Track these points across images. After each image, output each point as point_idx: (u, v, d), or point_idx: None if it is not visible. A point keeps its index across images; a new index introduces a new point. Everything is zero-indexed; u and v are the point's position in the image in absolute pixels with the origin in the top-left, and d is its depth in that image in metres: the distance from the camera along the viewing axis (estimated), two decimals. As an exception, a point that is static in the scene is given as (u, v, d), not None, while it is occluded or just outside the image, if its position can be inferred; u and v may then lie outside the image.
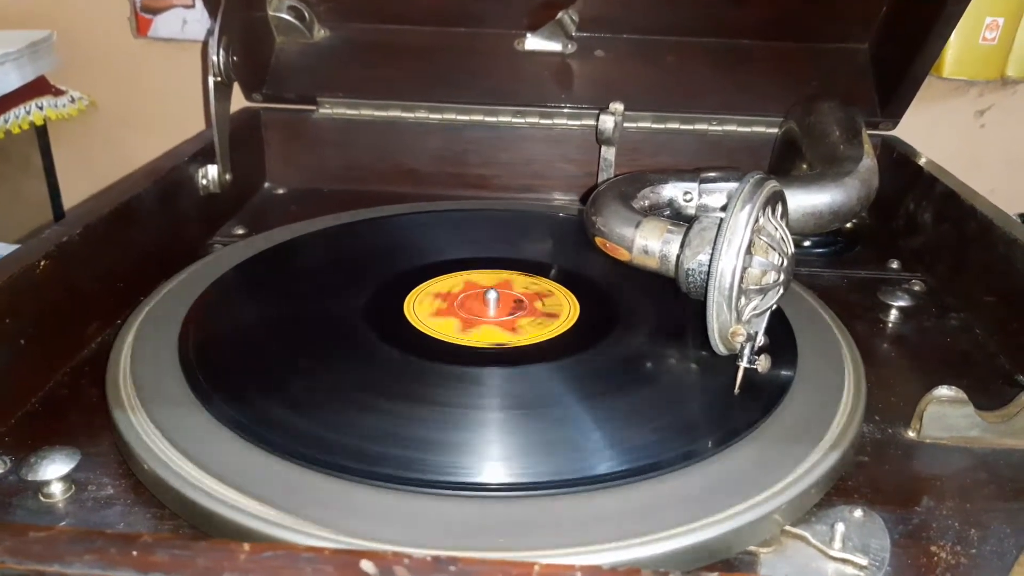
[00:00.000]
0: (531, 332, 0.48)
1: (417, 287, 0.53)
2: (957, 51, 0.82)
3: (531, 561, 0.24)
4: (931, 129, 0.84)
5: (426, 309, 0.50)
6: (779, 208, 0.44)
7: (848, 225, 0.65)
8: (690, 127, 0.75)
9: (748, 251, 0.41)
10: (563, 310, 0.50)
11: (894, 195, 0.69)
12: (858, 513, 0.37)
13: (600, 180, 0.71)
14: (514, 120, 0.76)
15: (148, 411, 0.39)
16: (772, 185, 0.43)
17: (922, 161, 0.69)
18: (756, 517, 0.34)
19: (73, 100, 0.90)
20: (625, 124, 0.70)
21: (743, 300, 0.42)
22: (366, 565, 0.24)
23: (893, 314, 0.56)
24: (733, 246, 0.41)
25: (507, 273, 0.55)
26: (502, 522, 0.34)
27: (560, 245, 0.63)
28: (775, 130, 0.74)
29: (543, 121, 0.76)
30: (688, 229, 0.45)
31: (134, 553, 0.25)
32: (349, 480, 0.35)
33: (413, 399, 0.41)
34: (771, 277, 0.43)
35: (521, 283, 0.54)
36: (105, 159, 0.93)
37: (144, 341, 0.46)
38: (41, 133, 0.91)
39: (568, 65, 0.76)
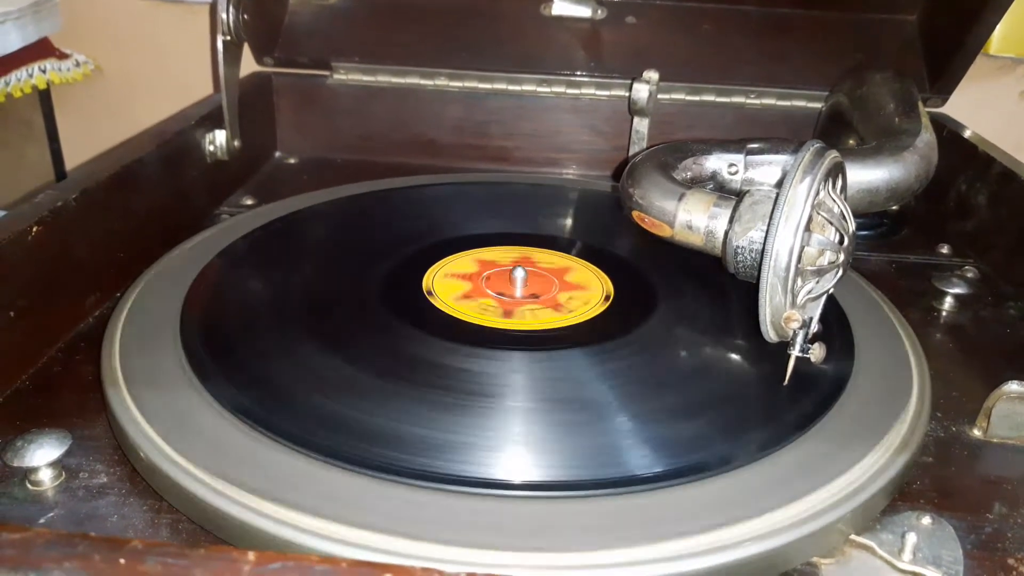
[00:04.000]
0: (577, 310, 0.44)
1: (435, 263, 0.49)
2: (1005, 27, 0.77)
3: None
4: (973, 109, 0.79)
5: (449, 289, 0.46)
6: (839, 181, 0.41)
7: (895, 206, 0.61)
8: (727, 99, 0.71)
9: (807, 228, 0.37)
10: (592, 292, 0.47)
11: (944, 175, 0.64)
12: (926, 520, 0.34)
13: (631, 154, 0.67)
14: (539, 89, 0.72)
15: (145, 392, 0.36)
16: (833, 156, 0.39)
17: (976, 140, 0.65)
18: (819, 526, 0.31)
19: (78, 64, 0.86)
20: (658, 95, 0.66)
21: (799, 282, 0.38)
22: (390, 582, 0.20)
23: (948, 302, 0.52)
24: (791, 222, 0.37)
25: (526, 249, 0.52)
26: (530, 526, 0.30)
27: (583, 220, 0.59)
28: (816, 104, 0.70)
29: (570, 91, 0.72)
30: (738, 203, 0.41)
31: (121, 561, 0.21)
32: (371, 476, 0.32)
33: (440, 387, 0.37)
34: (829, 257, 0.39)
35: (543, 260, 0.50)
36: (110, 125, 0.90)
37: (143, 315, 0.42)
38: (44, 97, 0.88)
39: (597, 32, 0.72)
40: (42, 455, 0.34)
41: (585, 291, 0.46)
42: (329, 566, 0.21)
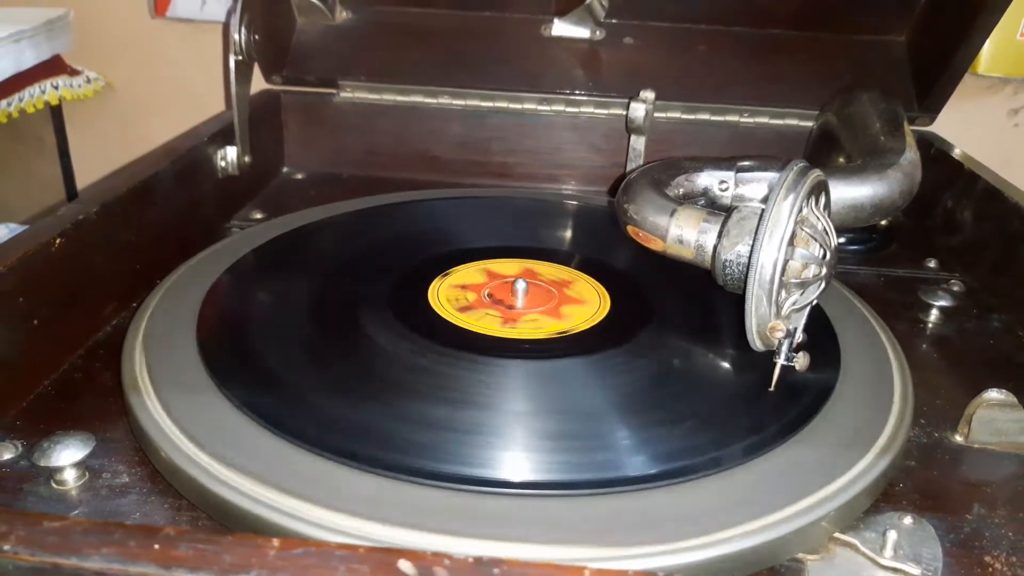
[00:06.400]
0: (576, 319, 0.46)
1: (439, 275, 0.51)
2: (993, 47, 0.80)
3: (580, 566, 0.22)
4: (963, 127, 0.82)
5: (450, 297, 0.48)
6: (822, 198, 0.43)
7: (883, 222, 0.63)
8: (721, 118, 0.73)
9: (790, 242, 0.39)
10: (591, 302, 0.48)
11: (931, 192, 0.67)
12: (908, 520, 0.35)
13: (628, 170, 0.70)
14: (539, 107, 0.74)
15: (165, 396, 0.38)
16: (816, 174, 0.41)
17: (962, 158, 0.67)
18: (804, 523, 0.32)
19: (89, 81, 0.89)
20: (655, 114, 0.68)
21: (783, 294, 0.40)
22: (404, 565, 0.22)
23: (934, 314, 0.54)
24: (775, 237, 0.39)
25: (529, 262, 0.53)
26: (534, 522, 0.32)
27: (583, 234, 0.61)
28: (808, 123, 0.72)
29: (569, 109, 0.74)
30: (726, 218, 0.43)
31: (156, 547, 0.23)
32: (380, 474, 0.33)
33: (444, 392, 0.39)
34: (812, 271, 0.41)
35: (546, 272, 0.52)
36: (121, 141, 0.92)
37: (161, 323, 0.44)
38: (56, 113, 0.90)
39: (596, 52, 0.74)
40: (67, 455, 0.36)
41: (566, 319, 0.48)
42: (347, 551, 0.23)
